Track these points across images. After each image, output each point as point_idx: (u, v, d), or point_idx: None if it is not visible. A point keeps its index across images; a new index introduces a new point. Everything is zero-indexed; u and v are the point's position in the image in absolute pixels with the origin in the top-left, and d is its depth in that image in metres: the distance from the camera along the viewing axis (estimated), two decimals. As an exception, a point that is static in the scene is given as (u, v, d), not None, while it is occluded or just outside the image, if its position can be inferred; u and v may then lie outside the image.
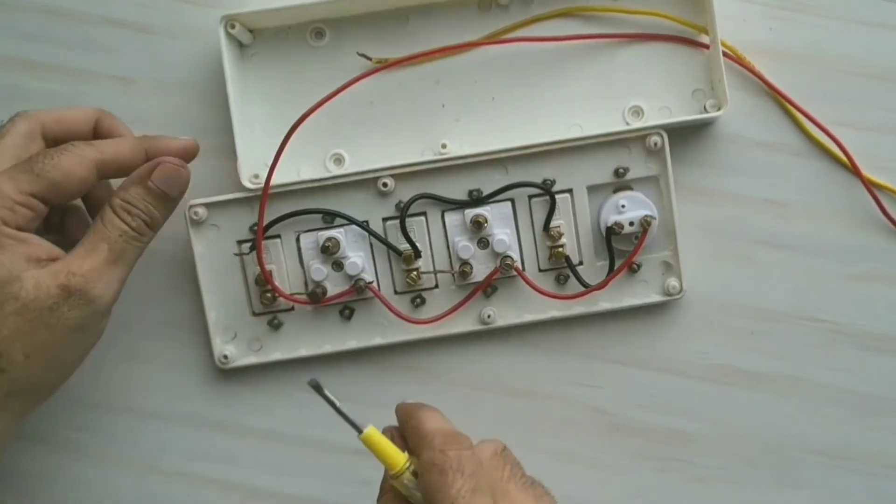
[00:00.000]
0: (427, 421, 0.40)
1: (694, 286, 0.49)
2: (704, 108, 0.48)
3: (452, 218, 0.48)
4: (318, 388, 0.40)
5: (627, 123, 0.48)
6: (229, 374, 0.49)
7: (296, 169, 0.48)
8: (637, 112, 0.49)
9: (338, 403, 0.40)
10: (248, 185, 0.47)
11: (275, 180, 0.46)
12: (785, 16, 0.49)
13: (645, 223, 0.46)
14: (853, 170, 0.48)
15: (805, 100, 0.49)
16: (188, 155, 0.45)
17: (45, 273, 0.39)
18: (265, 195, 0.45)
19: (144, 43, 0.50)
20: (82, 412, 0.50)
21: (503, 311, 0.49)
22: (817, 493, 0.49)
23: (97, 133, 0.45)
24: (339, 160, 0.49)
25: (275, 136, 0.46)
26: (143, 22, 0.50)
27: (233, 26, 0.47)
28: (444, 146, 0.48)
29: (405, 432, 0.41)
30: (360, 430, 0.39)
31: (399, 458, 0.39)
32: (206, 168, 0.48)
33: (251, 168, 0.47)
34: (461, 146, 0.49)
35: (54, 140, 0.44)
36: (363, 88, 0.48)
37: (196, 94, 0.50)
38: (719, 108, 0.47)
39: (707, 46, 0.48)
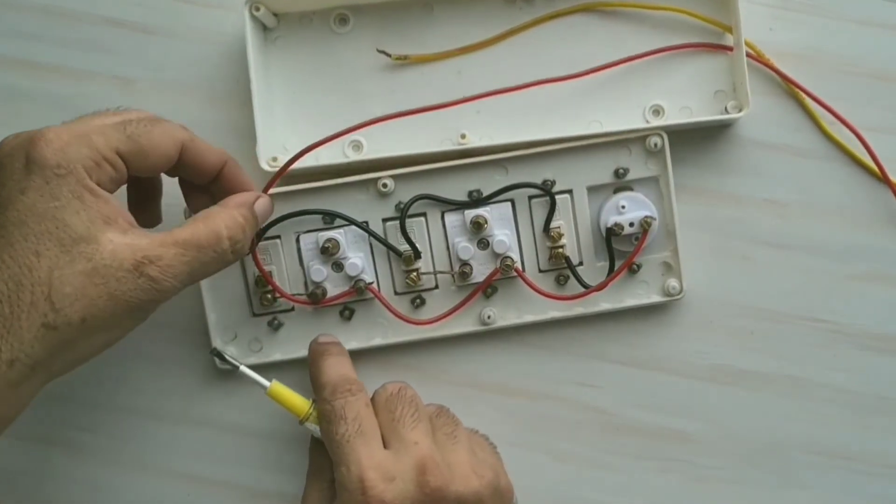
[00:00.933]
0: (324, 373, 0.44)
1: (694, 286, 0.49)
2: (726, 109, 0.48)
3: (452, 219, 0.48)
4: (219, 355, 0.44)
5: (647, 122, 0.48)
6: (229, 375, 0.49)
7: (314, 154, 0.48)
8: (658, 111, 0.48)
9: (241, 367, 0.44)
10: (266, 167, 0.47)
11: (296, 167, 0.46)
12: (785, 16, 0.49)
13: (645, 224, 0.46)
14: (879, 173, 0.48)
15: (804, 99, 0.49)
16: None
17: (123, 244, 0.38)
18: (272, 181, 0.45)
19: (145, 43, 0.50)
20: (82, 412, 0.50)
21: (503, 312, 0.49)
22: (817, 493, 0.49)
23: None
24: (357, 147, 0.49)
25: (295, 120, 0.46)
26: (144, 22, 0.50)
27: (257, 8, 0.47)
28: (462, 136, 0.48)
29: (311, 379, 0.46)
30: (265, 387, 0.44)
31: (302, 406, 0.44)
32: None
33: (270, 151, 0.47)
34: (480, 138, 0.48)
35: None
36: (385, 77, 0.48)
37: (197, 92, 0.50)
38: (740, 110, 0.47)
39: (730, 48, 0.48)
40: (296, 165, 0.46)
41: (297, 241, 0.48)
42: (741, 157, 0.49)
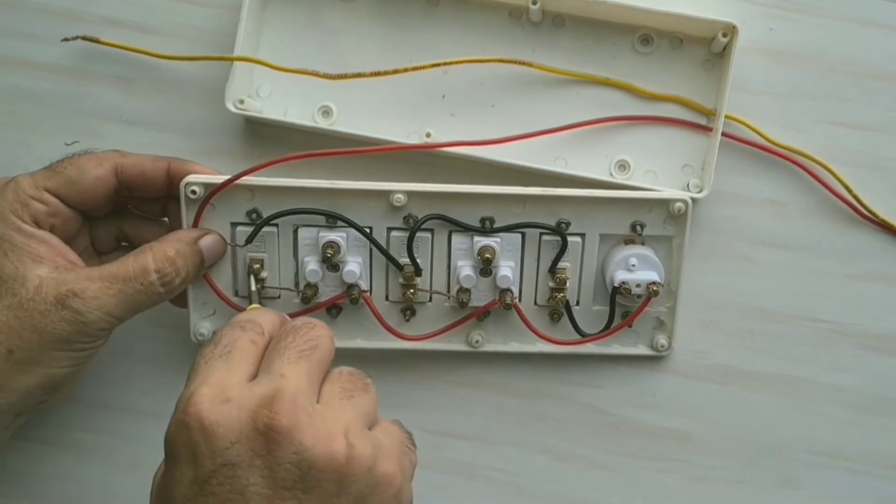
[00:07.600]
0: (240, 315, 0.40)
1: (694, 286, 0.49)
2: (688, 185, 0.48)
3: (459, 240, 0.46)
4: None
5: (612, 175, 0.48)
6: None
7: (283, 109, 0.48)
8: (624, 166, 0.48)
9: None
10: (231, 108, 0.46)
11: (261, 115, 0.46)
12: (785, 16, 0.49)
13: (651, 290, 0.45)
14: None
15: (804, 100, 0.49)
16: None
17: (51, 279, 0.40)
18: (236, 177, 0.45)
19: (145, 43, 0.50)
20: (82, 412, 0.50)
21: (491, 337, 0.48)
22: (817, 493, 0.49)
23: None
24: (327, 113, 0.49)
25: (274, 76, 0.47)
26: (144, 22, 0.50)
27: None
28: (428, 135, 0.48)
29: None
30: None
31: None
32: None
33: (239, 92, 0.47)
34: (448, 140, 0.47)
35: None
36: (373, 52, 0.48)
37: (197, 92, 0.50)
38: (701, 191, 0.47)
39: (709, 129, 0.48)
40: (264, 115, 0.47)
41: (295, 232, 0.46)
42: (742, 156, 0.49)
